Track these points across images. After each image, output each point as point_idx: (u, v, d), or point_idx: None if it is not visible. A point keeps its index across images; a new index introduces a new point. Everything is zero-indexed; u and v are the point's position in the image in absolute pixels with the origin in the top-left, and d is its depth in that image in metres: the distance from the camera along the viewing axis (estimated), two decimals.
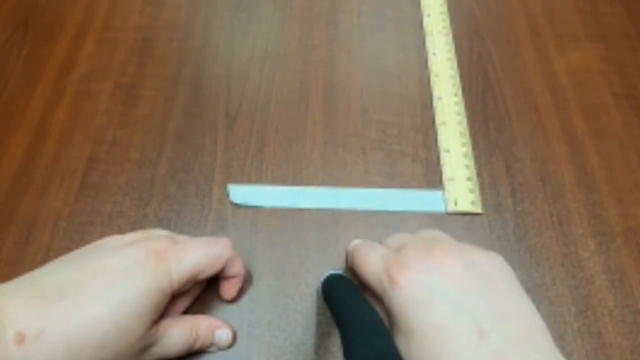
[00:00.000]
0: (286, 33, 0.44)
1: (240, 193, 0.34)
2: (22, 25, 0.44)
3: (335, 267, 0.32)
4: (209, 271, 0.27)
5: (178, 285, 0.26)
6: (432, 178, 0.36)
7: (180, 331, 0.27)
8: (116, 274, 0.24)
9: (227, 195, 0.35)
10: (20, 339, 0.21)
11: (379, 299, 0.25)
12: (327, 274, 0.30)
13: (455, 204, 0.35)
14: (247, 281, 0.31)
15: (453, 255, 0.24)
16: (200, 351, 0.28)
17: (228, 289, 0.30)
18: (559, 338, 0.30)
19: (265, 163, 0.36)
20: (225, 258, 0.28)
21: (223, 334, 0.28)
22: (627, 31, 0.45)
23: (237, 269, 0.29)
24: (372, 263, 0.26)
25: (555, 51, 0.44)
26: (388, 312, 0.24)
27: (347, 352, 0.22)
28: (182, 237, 0.29)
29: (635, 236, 0.34)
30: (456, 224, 0.34)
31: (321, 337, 0.30)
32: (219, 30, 0.44)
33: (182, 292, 0.28)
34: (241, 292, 0.31)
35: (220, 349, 0.29)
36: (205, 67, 0.42)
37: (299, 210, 0.34)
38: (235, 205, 0.34)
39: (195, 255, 0.27)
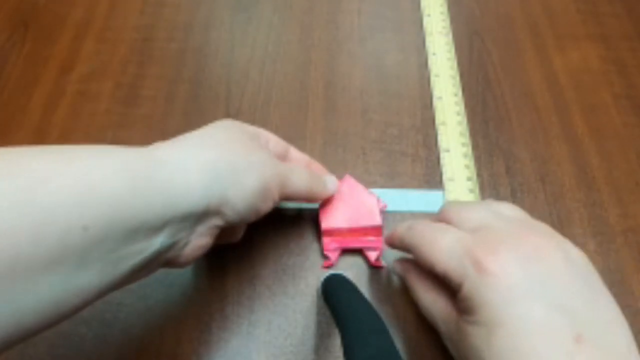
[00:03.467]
0: (286, 33, 0.44)
1: None
2: (22, 25, 0.44)
3: (336, 267, 0.32)
4: (277, 146, 0.30)
5: (255, 132, 0.29)
6: (432, 178, 0.36)
7: (300, 167, 0.29)
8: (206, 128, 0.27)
9: None
10: (157, 145, 0.25)
11: (450, 285, 0.23)
12: (327, 274, 0.30)
13: None
14: (247, 281, 0.31)
15: (551, 245, 0.21)
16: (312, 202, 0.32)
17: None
18: None
19: None
20: (286, 143, 0.31)
21: (330, 177, 0.32)
22: (627, 31, 0.45)
23: (302, 154, 0.32)
24: (446, 244, 0.23)
25: (555, 51, 0.44)
26: (465, 299, 0.22)
27: (347, 352, 0.22)
28: None
29: (635, 236, 0.34)
30: None
31: (321, 337, 0.30)
32: (219, 30, 0.44)
33: None
34: (241, 292, 0.31)
35: (331, 192, 0.31)
36: (205, 67, 0.42)
37: (299, 210, 0.34)
38: None
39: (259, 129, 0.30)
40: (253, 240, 0.33)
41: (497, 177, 0.36)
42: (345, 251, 0.32)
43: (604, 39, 0.45)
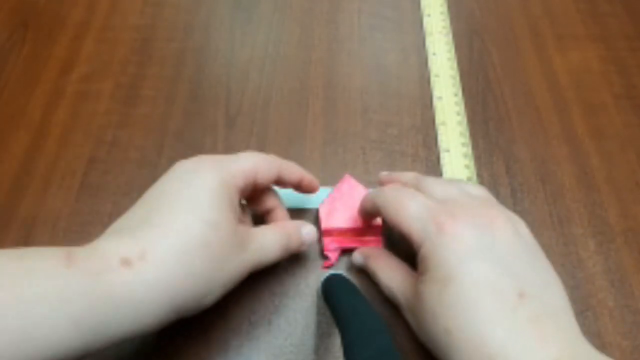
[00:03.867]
0: (286, 33, 0.44)
1: None
2: (22, 25, 0.44)
3: (335, 267, 0.32)
4: (267, 174, 0.27)
5: (242, 179, 0.26)
6: None
7: (273, 232, 0.28)
8: (176, 187, 0.25)
9: None
10: (127, 262, 0.21)
11: (413, 245, 0.25)
12: (327, 274, 0.30)
13: None
14: (247, 281, 0.31)
15: (504, 219, 0.25)
16: (293, 254, 0.30)
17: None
18: None
19: None
20: (279, 162, 0.28)
21: (309, 230, 0.30)
22: (627, 31, 0.45)
23: (297, 171, 0.29)
24: (413, 208, 0.25)
25: (555, 51, 0.44)
26: (424, 258, 0.24)
27: (347, 352, 0.22)
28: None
29: (635, 236, 0.34)
30: None
31: (321, 337, 0.30)
32: (219, 30, 0.44)
33: (269, 209, 0.30)
34: (241, 292, 0.31)
35: (308, 245, 0.30)
36: (205, 67, 0.42)
37: (299, 210, 0.34)
38: None
39: (248, 155, 0.27)
40: None
41: (497, 177, 0.36)
42: (345, 251, 0.32)
43: (604, 39, 0.45)
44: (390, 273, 0.29)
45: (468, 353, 0.22)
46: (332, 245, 0.32)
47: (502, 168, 0.37)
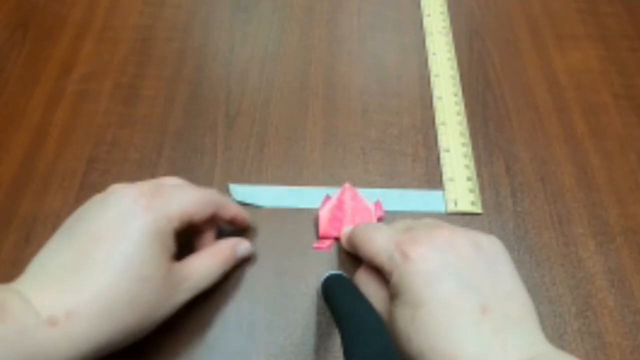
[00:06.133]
0: (286, 33, 0.44)
1: (240, 192, 0.34)
2: (22, 25, 0.44)
3: (335, 267, 0.32)
4: (202, 213, 0.27)
5: (178, 222, 0.26)
6: (432, 178, 0.36)
7: (208, 261, 0.28)
8: (111, 233, 0.24)
9: (229, 194, 0.35)
10: (53, 321, 0.22)
11: (385, 275, 0.26)
12: (327, 274, 0.30)
13: (455, 204, 0.35)
14: (247, 281, 0.31)
15: (462, 238, 0.26)
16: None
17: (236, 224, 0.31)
18: (559, 338, 0.30)
19: (265, 163, 0.36)
20: (215, 201, 0.29)
21: (243, 249, 0.31)
22: (627, 31, 0.45)
23: (233, 210, 0.30)
24: (380, 241, 0.27)
25: (555, 51, 0.44)
26: (395, 285, 0.25)
27: (347, 352, 0.22)
28: (167, 182, 0.29)
29: (635, 236, 0.34)
30: (456, 223, 0.34)
31: (321, 337, 0.30)
32: (219, 30, 0.44)
33: (198, 231, 0.29)
34: (241, 292, 0.31)
35: (246, 258, 0.31)
36: (205, 67, 0.42)
37: (299, 210, 0.34)
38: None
39: (184, 195, 0.27)
40: (253, 240, 0.33)
41: (497, 177, 0.36)
42: (337, 239, 0.32)
43: (604, 39, 0.45)
44: (367, 282, 0.29)
45: None
46: (325, 243, 0.32)
47: (502, 168, 0.37)
